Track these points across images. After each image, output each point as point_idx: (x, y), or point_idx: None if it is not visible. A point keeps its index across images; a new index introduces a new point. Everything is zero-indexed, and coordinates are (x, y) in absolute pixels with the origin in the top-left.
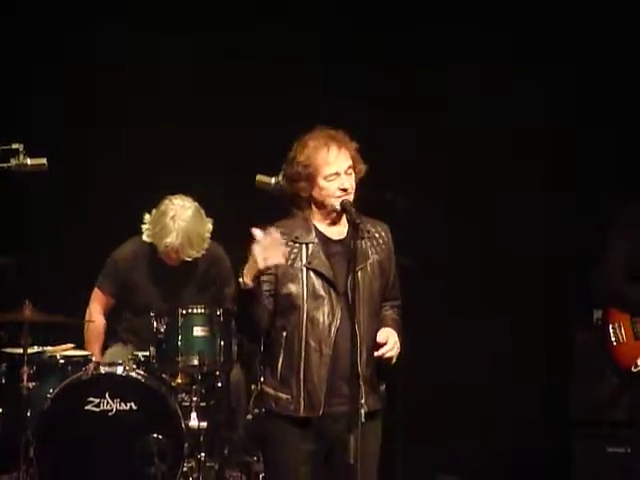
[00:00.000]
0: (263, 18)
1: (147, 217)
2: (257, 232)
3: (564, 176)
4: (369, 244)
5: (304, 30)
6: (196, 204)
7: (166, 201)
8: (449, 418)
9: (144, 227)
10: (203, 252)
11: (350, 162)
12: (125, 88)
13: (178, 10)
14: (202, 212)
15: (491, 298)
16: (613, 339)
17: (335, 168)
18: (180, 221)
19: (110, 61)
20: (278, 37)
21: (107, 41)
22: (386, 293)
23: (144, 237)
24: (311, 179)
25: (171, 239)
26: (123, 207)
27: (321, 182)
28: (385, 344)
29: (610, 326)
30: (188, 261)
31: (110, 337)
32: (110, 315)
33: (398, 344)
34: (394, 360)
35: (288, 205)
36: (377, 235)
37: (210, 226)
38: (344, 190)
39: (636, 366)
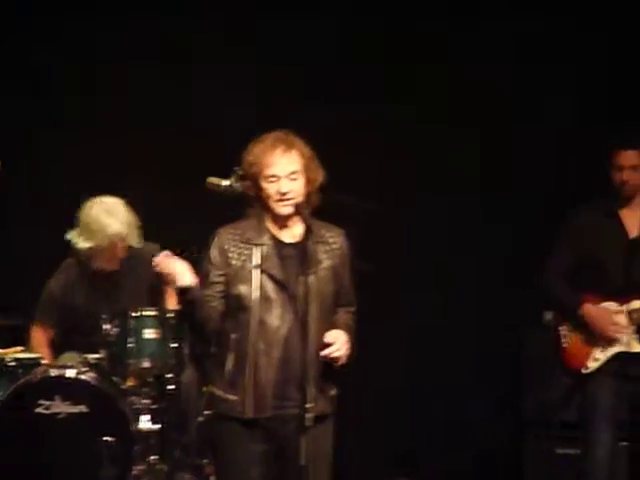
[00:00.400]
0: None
1: (72, 232)
2: (161, 256)
3: (528, 177)
4: (322, 249)
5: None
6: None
7: (89, 203)
8: (402, 421)
9: (73, 241)
10: (139, 241)
11: (296, 167)
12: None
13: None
14: None
15: (447, 301)
16: (564, 341)
17: (275, 170)
18: (116, 211)
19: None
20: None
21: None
22: (340, 298)
23: (79, 245)
24: (254, 179)
25: (115, 226)
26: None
27: (262, 183)
28: (332, 344)
29: (561, 328)
30: (122, 268)
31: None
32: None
33: (347, 345)
34: (342, 361)
35: (241, 207)
36: (331, 240)
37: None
38: (282, 194)
39: (586, 368)
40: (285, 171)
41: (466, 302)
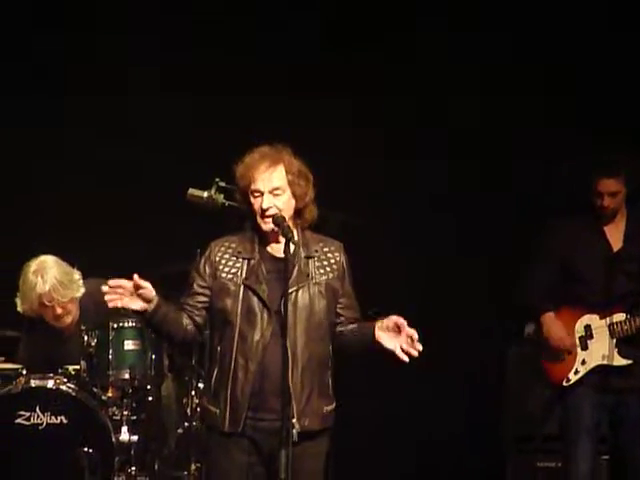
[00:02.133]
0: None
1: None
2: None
3: (501, 181)
4: (318, 264)
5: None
6: (52, 256)
7: (24, 268)
8: (384, 436)
9: (18, 304)
10: (81, 291)
11: (279, 183)
12: None
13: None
14: (61, 261)
15: (425, 312)
16: (544, 354)
17: (258, 186)
18: (43, 271)
19: None
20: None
21: None
22: (342, 314)
23: (19, 309)
24: (243, 192)
25: (39, 287)
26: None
27: (250, 197)
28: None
29: (542, 341)
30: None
31: None
32: None
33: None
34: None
35: (224, 218)
36: (329, 255)
37: (77, 274)
38: (263, 210)
39: (567, 381)
40: (267, 187)
41: (446, 315)
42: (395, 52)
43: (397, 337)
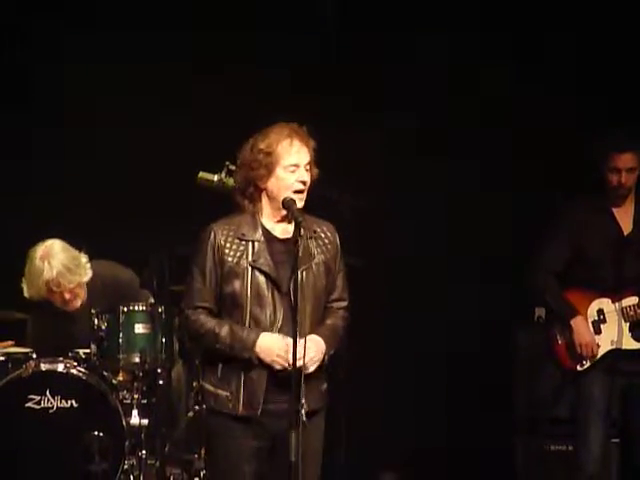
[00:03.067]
0: None
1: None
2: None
3: (503, 176)
4: (315, 244)
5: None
6: (59, 240)
7: (30, 253)
8: (391, 416)
9: (24, 290)
10: (88, 275)
11: (309, 159)
12: None
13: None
14: (68, 245)
15: (434, 295)
16: (558, 338)
17: (296, 160)
18: (49, 256)
19: None
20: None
21: None
22: (332, 293)
23: (25, 295)
24: (270, 168)
25: (47, 273)
26: None
27: (280, 172)
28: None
29: (555, 326)
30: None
31: None
32: None
33: (318, 357)
34: (306, 370)
35: (234, 201)
36: (323, 235)
37: (85, 258)
38: (303, 183)
39: (582, 365)
40: (304, 161)
41: (456, 299)
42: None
43: None
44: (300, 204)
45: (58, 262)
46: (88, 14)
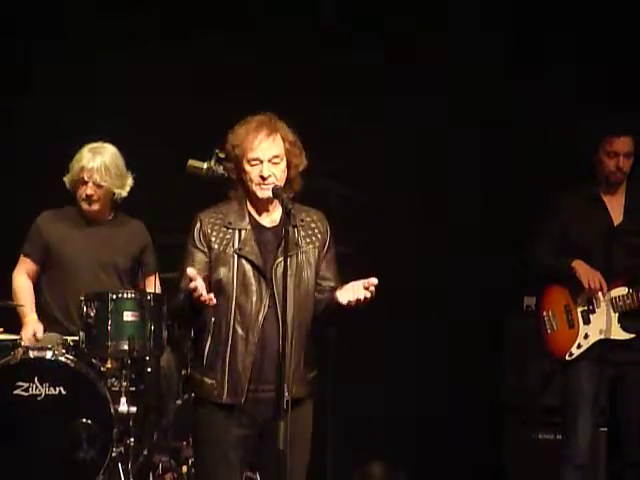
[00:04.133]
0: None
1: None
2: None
3: (500, 158)
4: (303, 233)
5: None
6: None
7: (85, 145)
8: (381, 406)
9: (66, 181)
10: (120, 192)
11: (278, 151)
12: None
13: None
14: (121, 158)
15: (425, 284)
16: (547, 327)
17: (257, 154)
18: (98, 152)
19: None
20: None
21: None
22: (321, 282)
23: (65, 180)
24: (237, 161)
25: (86, 160)
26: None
27: (245, 166)
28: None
29: (544, 314)
30: (114, 223)
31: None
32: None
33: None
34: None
35: (222, 190)
36: (312, 224)
37: (131, 179)
38: (262, 178)
39: (570, 354)
40: (267, 155)
41: (445, 287)
42: None
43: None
44: (265, 194)
45: (103, 159)
46: None
